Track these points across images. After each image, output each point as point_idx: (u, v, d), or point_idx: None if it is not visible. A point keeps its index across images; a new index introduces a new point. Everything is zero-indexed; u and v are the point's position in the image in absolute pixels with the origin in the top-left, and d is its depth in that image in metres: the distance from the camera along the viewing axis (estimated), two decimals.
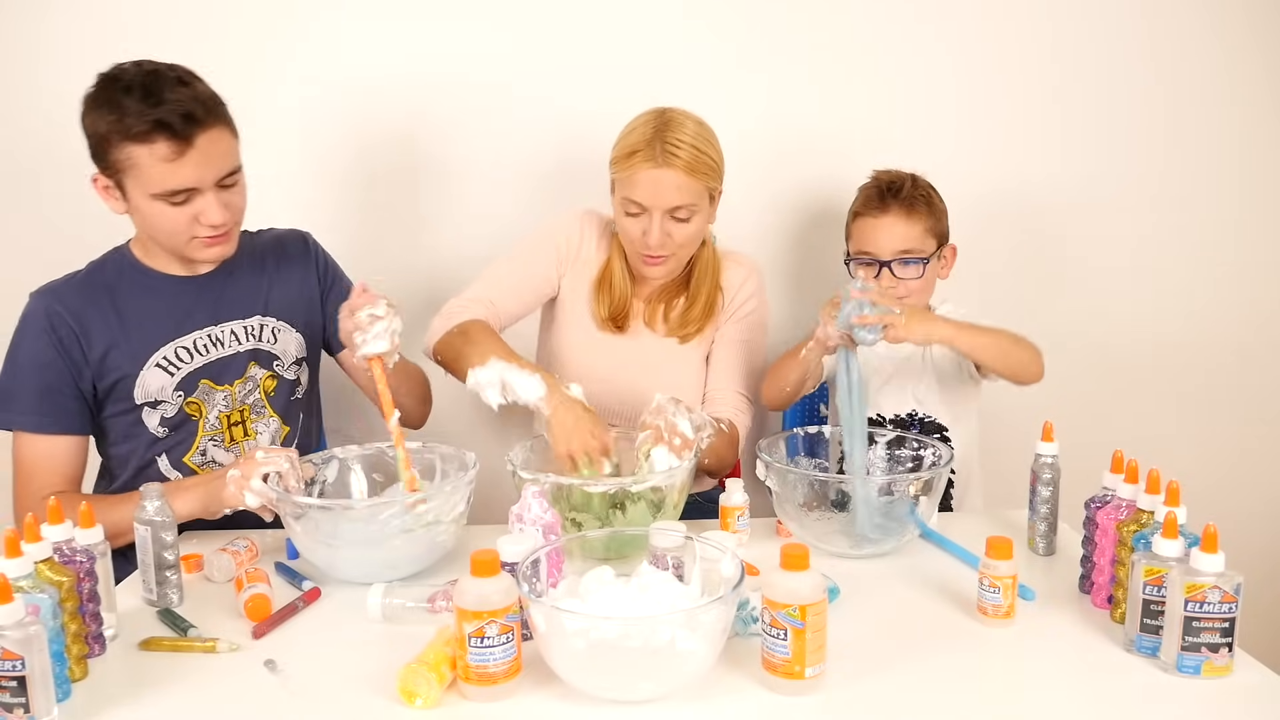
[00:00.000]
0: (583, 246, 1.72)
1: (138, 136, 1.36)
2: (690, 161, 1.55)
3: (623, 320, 1.71)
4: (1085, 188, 2.11)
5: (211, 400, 1.56)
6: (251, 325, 1.59)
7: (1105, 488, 1.27)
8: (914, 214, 1.69)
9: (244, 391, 1.58)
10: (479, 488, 1.39)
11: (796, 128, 2.05)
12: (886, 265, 1.69)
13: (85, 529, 1.15)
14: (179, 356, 1.53)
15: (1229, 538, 1.08)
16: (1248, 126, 2.12)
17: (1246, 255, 2.18)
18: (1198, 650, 1.04)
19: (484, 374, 1.44)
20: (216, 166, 1.42)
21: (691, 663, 1.01)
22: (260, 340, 1.60)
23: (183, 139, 1.37)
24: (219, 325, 1.56)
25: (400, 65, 1.98)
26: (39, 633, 0.94)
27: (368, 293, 1.41)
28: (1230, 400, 2.23)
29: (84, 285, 1.52)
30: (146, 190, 1.40)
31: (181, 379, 1.53)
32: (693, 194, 1.57)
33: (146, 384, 1.51)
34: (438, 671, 1.02)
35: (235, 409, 1.58)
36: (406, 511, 1.29)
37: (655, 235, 1.58)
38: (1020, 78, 2.06)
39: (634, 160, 1.56)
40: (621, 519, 1.38)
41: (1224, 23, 2.06)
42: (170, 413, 1.53)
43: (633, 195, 1.57)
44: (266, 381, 1.60)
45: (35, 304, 1.50)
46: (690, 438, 1.41)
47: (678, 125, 1.56)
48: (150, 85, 1.37)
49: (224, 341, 1.56)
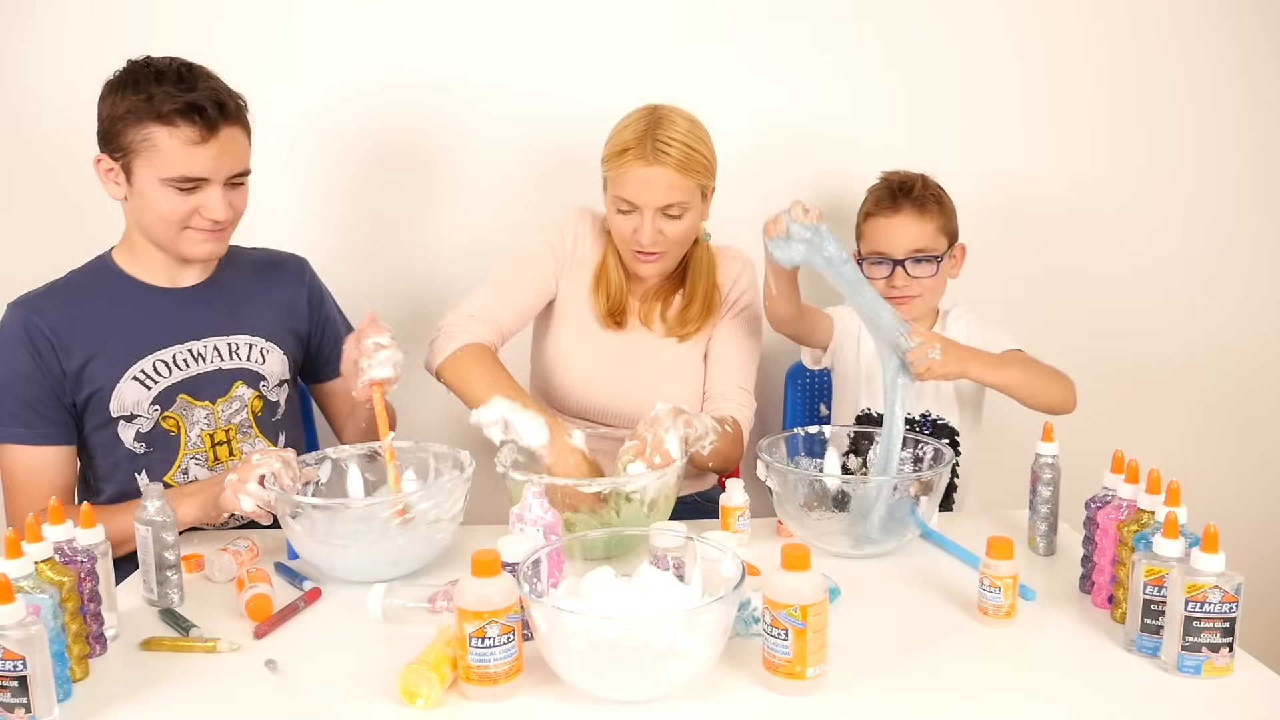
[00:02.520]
0: (578, 245, 1.71)
1: (166, 116, 1.38)
2: (682, 159, 1.54)
3: (620, 316, 1.70)
4: (1091, 189, 2.11)
5: (191, 417, 1.54)
6: (238, 343, 1.58)
7: (1106, 488, 1.27)
8: (926, 213, 1.69)
9: (229, 411, 1.56)
10: (476, 488, 1.39)
11: (801, 127, 2.05)
12: (900, 264, 1.69)
13: (86, 529, 1.15)
14: (156, 370, 1.51)
15: (1229, 537, 1.08)
16: (1262, 129, 2.11)
17: (1249, 257, 2.18)
18: (1198, 650, 1.04)
19: (487, 414, 1.44)
20: (231, 162, 1.45)
21: (692, 663, 1.01)
22: (248, 360, 1.58)
23: (209, 127, 1.40)
24: (202, 340, 1.55)
25: (394, 69, 1.98)
26: (40, 633, 0.94)
27: (377, 324, 1.44)
28: (1230, 400, 2.23)
29: (62, 294, 1.50)
30: (159, 173, 1.41)
31: (159, 393, 1.51)
32: (684, 192, 1.56)
33: (123, 396, 1.49)
34: (438, 671, 1.02)
35: (220, 428, 1.56)
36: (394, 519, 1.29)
37: (647, 233, 1.57)
38: (1032, 78, 2.06)
39: (625, 158, 1.55)
40: (614, 519, 1.37)
41: (1241, 25, 2.06)
42: (146, 428, 1.51)
43: (624, 194, 1.57)
44: (254, 402, 1.59)
45: (12, 315, 1.48)
46: (674, 458, 1.39)
47: (669, 123, 1.56)
48: (183, 73, 1.42)
49: (205, 357, 1.55)
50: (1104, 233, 2.14)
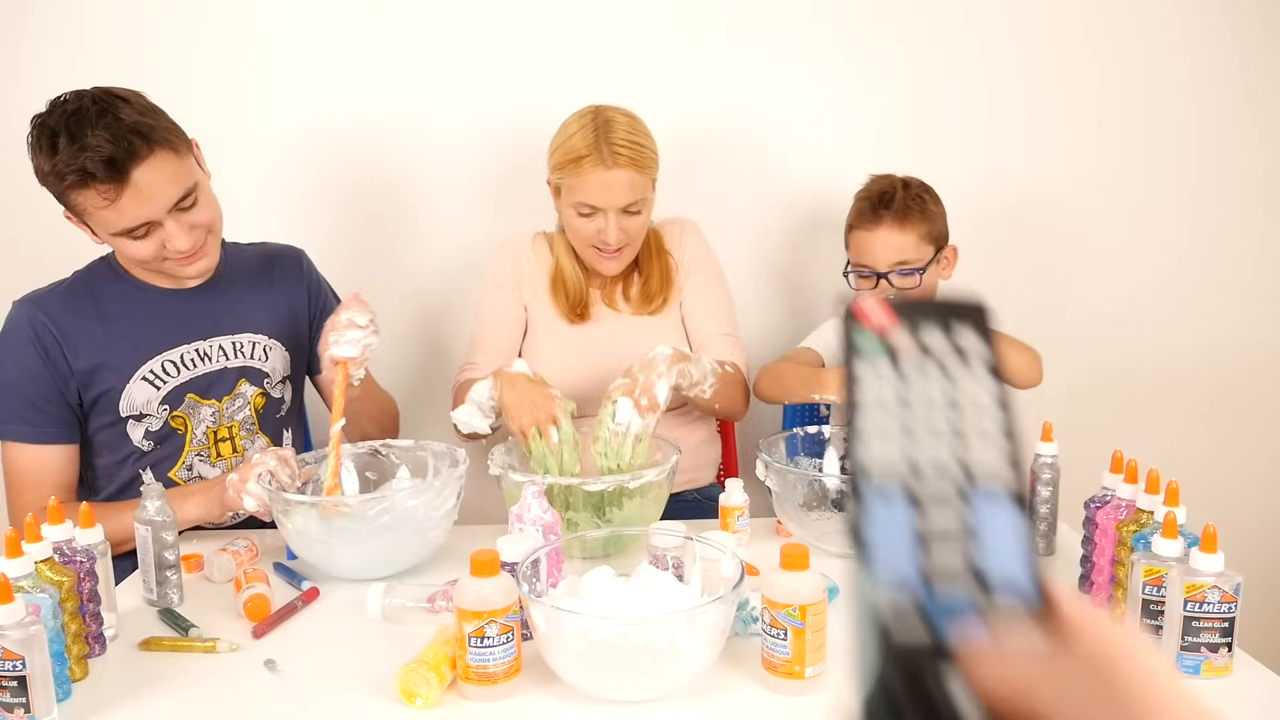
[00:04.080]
0: (521, 265, 1.77)
1: (74, 185, 1.33)
2: (636, 159, 1.60)
3: (583, 309, 1.75)
4: (1092, 190, 2.11)
5: (198, 415, 1.54)
6: (242, 342, 1.57)
7: (1105, 488, 1.27)
8: (907, 224, 1.68)
9: (233, 408, 1.57)
10: (477, 489, 1.39)
11: (803, 127, 2.05)
12: (884, 277, 1.69)
13: (85, 529, 1.15)
14: (165, 370, 1.51)
15: (1228, 537, 1.08)
16: (1264, 131, 2.11)
17: (1250, 259, 2.17)
18: (1197, 650, 1.04)
19: (461, 412, 1.51)
20: (163, 196, 1.37)
21: (691, 663, 1.01)
22: (251, 358, 1.58)
23: (113, 182, 1.32)
24: (207, 340, 1.54)
25: (371, 81, 1.98)
26: (39, 633, 0.95)
27: (360, 301, 1.43)
28: (1230, 399, 2.23)
29: (69, 295, 1.50)
30: (105, 230, 1.39)
31: (168, 393, 1.51)
32: (642, 188, 1.63)
33: (133, 397, 1.49)
34: (438, 671, 1.02)
35: (223, 425, 1.56)
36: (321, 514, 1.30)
37: (613, 233, 1.62)
38: (1033, 80, 2.05)
39: (582, 166, 1.59)
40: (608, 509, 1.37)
41: (1241, 26, 2.05)
42: (155, 426, 1.51)
43: (586, 199, 1.61)
44: (257, 399, 1.59)
45: (19, 312, 1.47)
46: (659, 405, 1.42)
47: (616, 125, 1.61)
48: (73, 129, 1.30)
49: (212, 356, 1.55)
50: (1104, 233, 2.14)
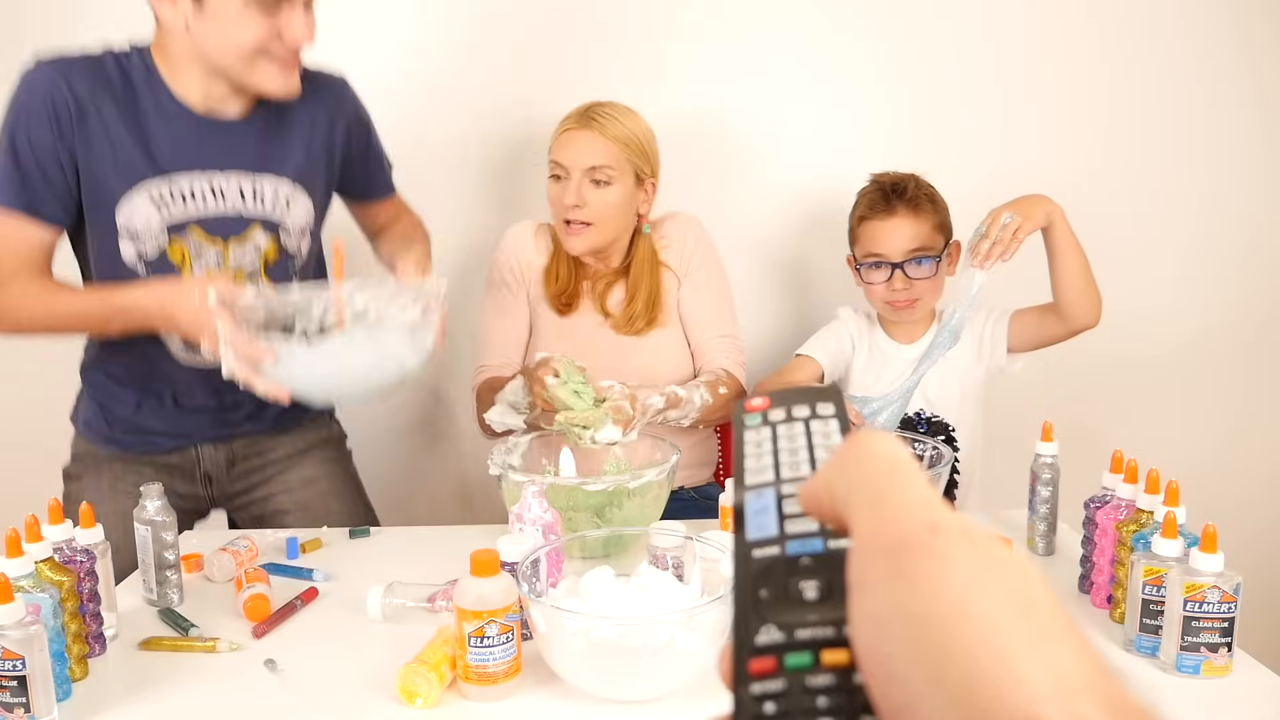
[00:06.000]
0: (523, 257, 1.78)
1: None
2: (609, 127, 1.64)
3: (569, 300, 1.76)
4: (1095, 189, 2.10)
5: (200, 252, 1.43)
6: (262, 187, 1.46)
7: (1105, 488, 1.27)
8: (921, 212, 1.68)
9: (240, 254, 1.46)
10: (482, 490, 1.39)
11: (804, 128, 2.05)
12: (899, 267, 1.68)
13: (86, 529, 1.15)
14: (173, 195, 1.41)
15: (1228, 537, 1.08)
16: (1271, 129, 2.11)
17: (1251, 259, 2.17)
18: (1197, 650, 1.04)
19: (495, 413, 1.58)
20: None
21: (691, 662, 1.01)
22: (272, 208, 1.47)
23: None
24: (225, 173, 1.43)
25: (372, 81, 1.97)
26: (39, 632, 0.95)
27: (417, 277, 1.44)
28: (1230, 400, 2.23)
29: (98, 74, 1.37)
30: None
31: (171, 221, 1.41)
32: (610, 157, 1.63)
33: (132, 212, 1.39)
34: (438, 671, 1.02)
35: (228, 270, 1.46)
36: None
37: (571, 195, 1.63)
38: (1040, 78, 2.05)
39: (563, 128, 1.67)
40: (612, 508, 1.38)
41: (1250, 26, 2.05)
42: (152, 254, 1.41)
43: (557, 157, 1.66)
44: (270, 251, 1.49)
45: (42, 75, 1.35)
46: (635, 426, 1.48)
47: (607, 102, 1.67)
48: None
49: (227, 194, 1.43)
50: (1105, 233, 2.13)
